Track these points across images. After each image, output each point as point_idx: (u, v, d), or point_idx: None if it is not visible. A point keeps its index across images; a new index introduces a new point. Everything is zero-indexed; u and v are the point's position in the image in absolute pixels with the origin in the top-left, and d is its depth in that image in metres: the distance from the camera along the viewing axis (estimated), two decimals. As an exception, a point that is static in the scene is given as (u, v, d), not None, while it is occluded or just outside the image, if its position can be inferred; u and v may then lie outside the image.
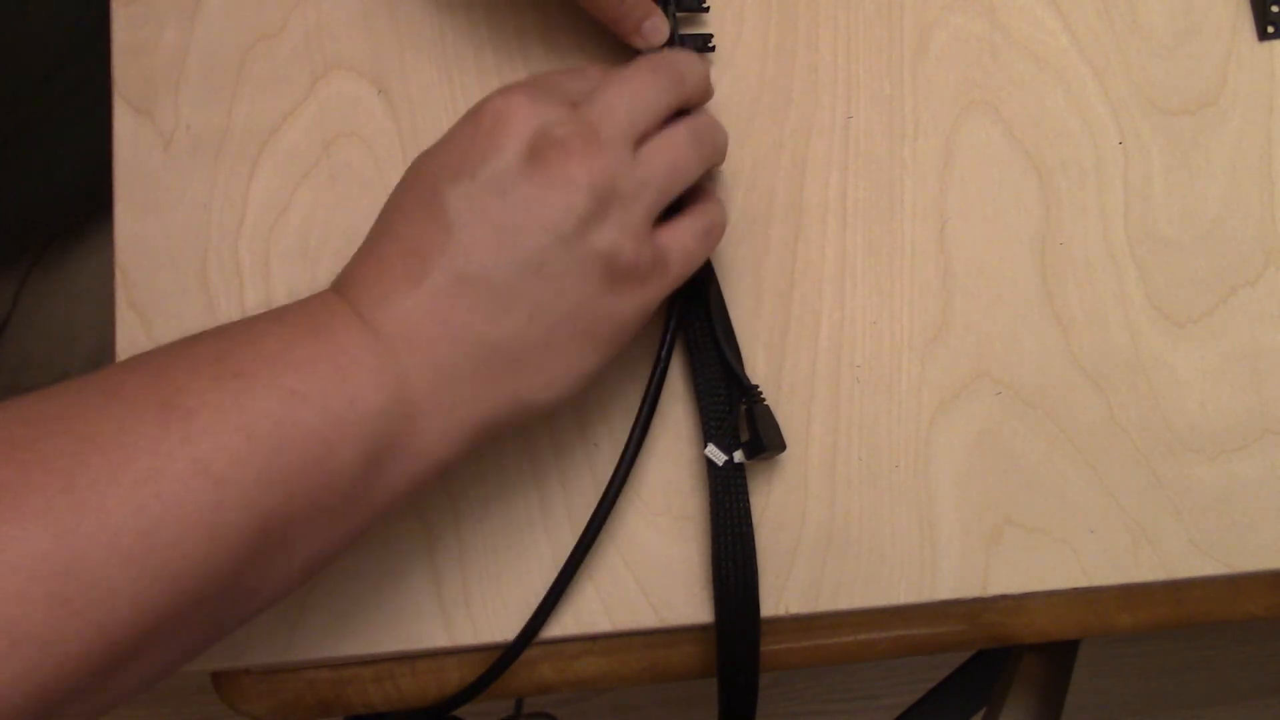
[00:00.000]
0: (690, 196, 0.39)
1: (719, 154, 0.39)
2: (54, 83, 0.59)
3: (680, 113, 0.38)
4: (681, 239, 0.38)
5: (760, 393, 0.42)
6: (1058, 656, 0.50)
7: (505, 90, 0.35)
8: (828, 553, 0.42)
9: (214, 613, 0.30)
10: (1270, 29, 0.47)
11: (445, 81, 0.45)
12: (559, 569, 0.41)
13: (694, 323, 0.42)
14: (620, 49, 0.43)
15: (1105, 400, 0.44)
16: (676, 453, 0.43)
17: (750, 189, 0.45)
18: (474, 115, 0.35)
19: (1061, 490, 0.43)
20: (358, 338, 0.32)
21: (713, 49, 0.45)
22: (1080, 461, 0.43)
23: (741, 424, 0.42)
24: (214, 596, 0.29)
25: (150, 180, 0.44)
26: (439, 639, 0.41)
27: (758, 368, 0.43)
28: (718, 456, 0.41)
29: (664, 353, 0.42)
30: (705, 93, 0.39)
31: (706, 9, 0.45)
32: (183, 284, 0.43)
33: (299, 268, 0.43)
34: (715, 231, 0.39)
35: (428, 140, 0.36)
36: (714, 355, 0.42)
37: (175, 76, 0.44)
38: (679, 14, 0.44)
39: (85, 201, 0.64)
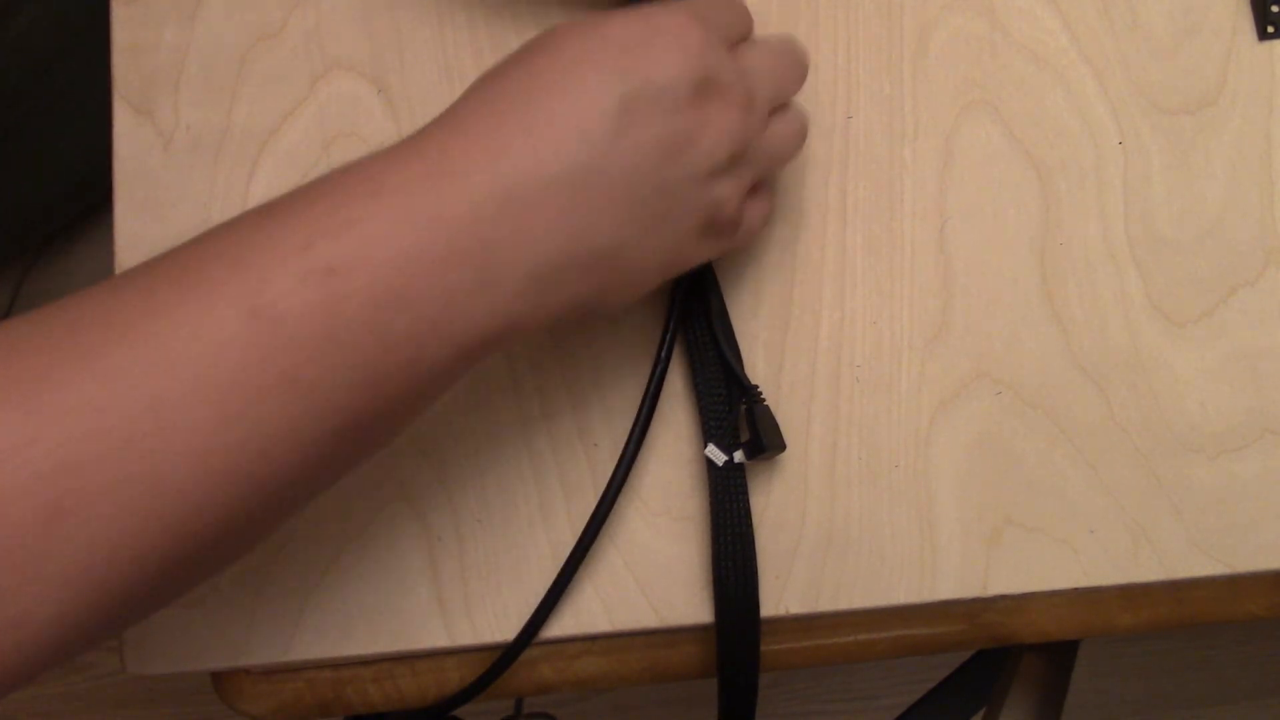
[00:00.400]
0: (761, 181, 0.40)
1: (798, 149, 0.41)
2: (49, 78, 0.59)
3: None
4: (753, 213, 0.39)
5: (760, 393, 0.42)
6: (1058, 656, 0.50)
7: (670, 8, 0.34)
8: (828, 553, 0.42)
9: (292, 505, 0.30)
10: (1270, 29, 0.47)
11: (445, 81, 0.45)
12: (559, 569, 0.41)
13: (694, 323, 0.42)
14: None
15: (1105, 400, 0.44)
16: (676, 453, 0.43)
17: (750, 189, 0.45)
18: (641, 19, 0.34)
19: (1061, 490, 0.43)
20: (466, 225, 0.30)
21: None
22: (1080, 461, 0.43)
23: (741, 424, 0.42)
24: (294, 492, 0.30)
25: (150, 180, 0.44)
26: (439, 639, 0.41)
27: (758, 368, 0.43)
28: (718, 457, 0.41)
29: (664, 353, 0.42)
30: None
31: (706, 9, 0.45)
32: (183, 284, 0.43)
33: (299, 268, 0.43)
34: (767, 218, 0.41)
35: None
36: (714, 355, 0.42)
37: (175, 76, 0.44)
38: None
39: (83, 199, 0.64)
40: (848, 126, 0.45)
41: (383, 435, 0.32)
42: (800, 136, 0.40)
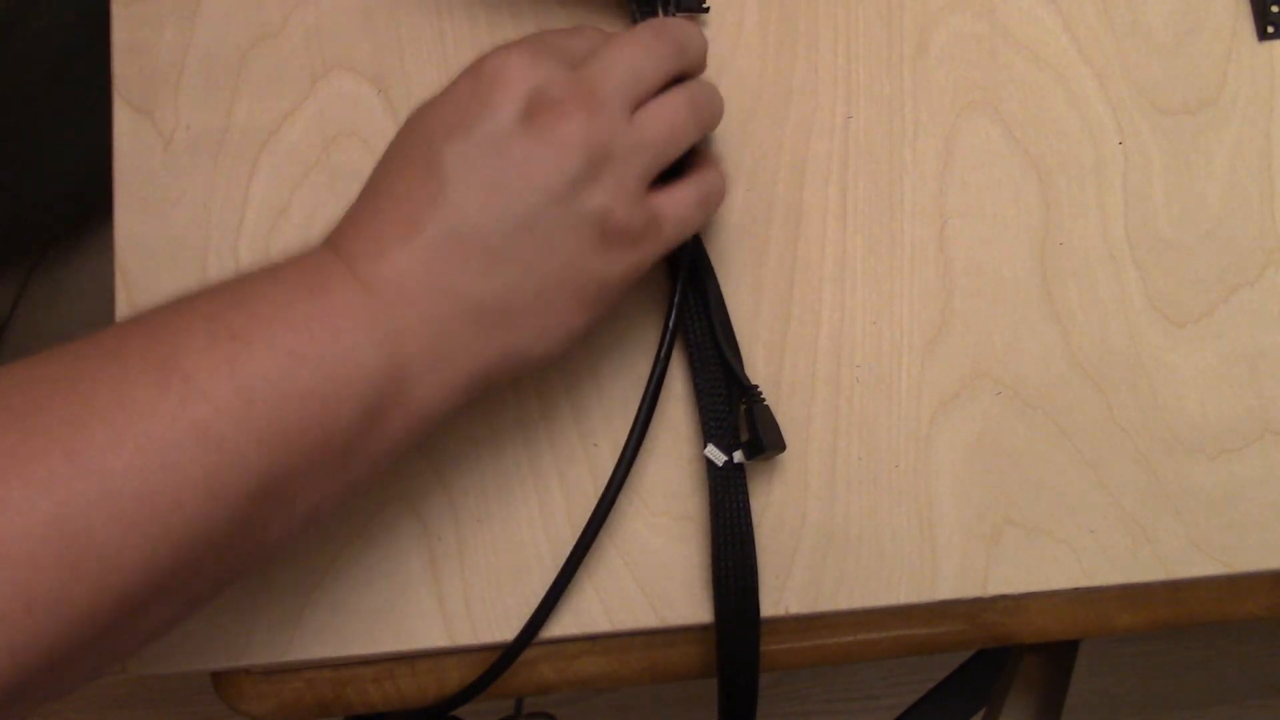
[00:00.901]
0: (690, 162, 0.39)
1: (715, 120, 0.39)
2: (59, 84, 0.59)
3: (677, 80, 0.38)
4: (677, 204, 0.38)
5: (760, 392, 0.42)
6: (1058, 656, 0.50)
7: (504, 48, 0.35)
8: (828, 553, 0.42)
9: (217, 567, 0.31)
10: (1270, 29, 0.47)
11: (445, 81, 0.45)
12: (559, 569, 0.41)
13: (694, 322, 0.42)
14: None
15: (1105, 400, 0.44)
16: (676, 453, 0.43)
17: (750, 189, 0.45)
18: (472, 72, 0.35)
19: (1061, 490, 0.43)
20: (353, 296, 0.32)
21: (706, 9, 0.45)
22: (1080, 461, 0.43)
23: (741, 424, 0.42)
24: (216, 552, 0.30)
25: (150, 180, 0.44)
26: (439, 639, 0.41)
27: (758, 368, 0.43)
28: (717, 456, 0.41)
29: (663, 352, 0.42)
30: (702, 61, 0.39)
31: (707, 9, 0.45)
32: (183, 284, 0.43)
33: (299, 268, 0.43)
34: (714, 198, 0.39)
35: (428, 140, 0.36)
36: (714, 355, 0.42)
37: (175, 76, 0.44)
38: (679, 15, 0.44)
39: (86, 202, 0.64)
40: (848, 126, 0.45)
41: (302, 499, 0.32)
42: (691, 113, 0.37)
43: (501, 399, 0.43)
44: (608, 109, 0.35)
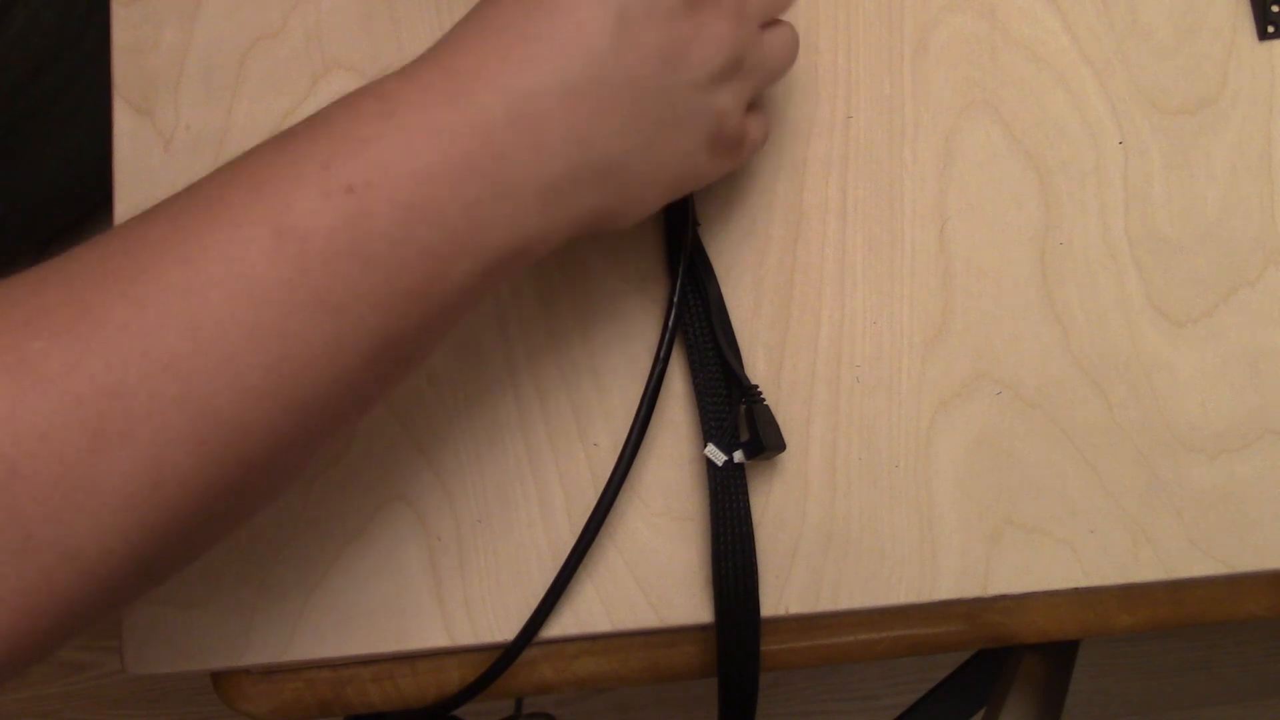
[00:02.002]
0: (755, 103, 0.41)
1: (794, 62, 0.41)
2: (41, 81, 0.59)
3: None
4: (754, 129, 0.39)
5: (760, 392, 0.42)
6: (1058, 656, 0.50)
7: None
8: (828, 553, 0.42)
9: (333, 425, 0.31)
10: (1270, 29, 0.47)
11: (445, 81, 0.45)
12: (559, 569, 0.41)
13: (693, 322, 0.42)
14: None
15: (1105, 400, 0.44)
16: (676, 453, 0.43)
17: (750, 189, 0.45)
18: None
19: (1061, 490, 0.43)
20: (478, 136, 0.30)
21: None
22: (1080, 461, 0.43)
23: (741, 424, 0.42)
24: (336, 413, 0.30)
25: (150, 180, 0.44)
26: (439, 639, 0.41)
27: (758, 368, 0.43)
28: (717, 456, 0.41)
29: (663, 352, 0.42)
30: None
31: None
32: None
33: (299, 268, 0.43)
34: (766, 138, 0.41)
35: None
36: (713, 355, 0.42)
37: (175, 76, 0.44)
38: None
39: (81, 200, 0.64)
40: (848, 126, 0.45)
41: (415, 356, 0.32)
42: (792, 50, 0.40)
43: (502, 398, 0.43)
44: (749, 23, 0.36)
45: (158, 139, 0.44)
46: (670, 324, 0.42)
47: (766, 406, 0.42)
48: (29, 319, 0.26)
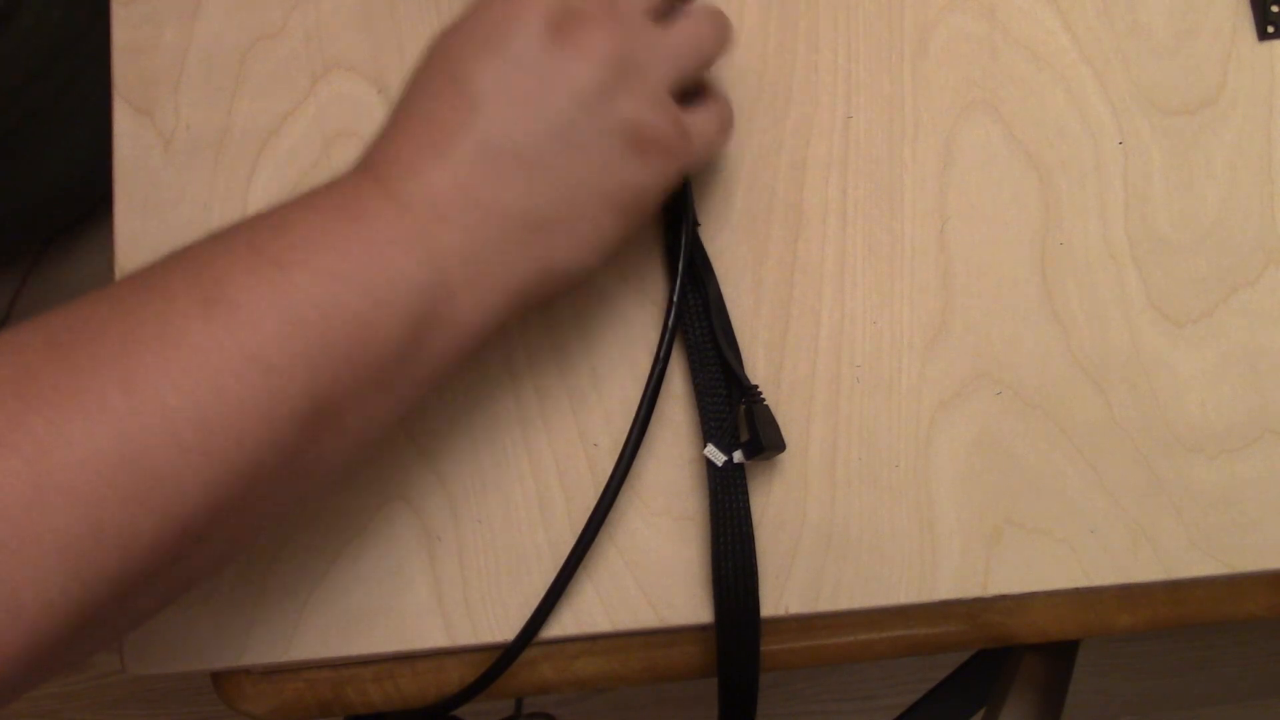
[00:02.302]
0: (703, 93, 0.40)
1: (728, 43, 0.40)
2: (43, 82, 0.59)
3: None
4: (702, 122, 0.39)
5: (759, 392, 0.42)
6: (1058, 656, 0.50)
7: None
8: (828, 553, 0.42)
9: (275, 492, 0.31)
10: (1270, 29, 0.47)
11: (445, 81, 0.45)
12: (559, 569, 0.41)
13: (693, 322, 0.42)
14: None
15: (1105, 400, 0.44)
16: (677, 453, 0.43)
17: (750, 189, 0.45)
18: None
19: (1061, 490, 0.43)
20: (390, 217, 0.33)
21: None
22: (1080, 461, 0.43)
23: (741, 424, 0.42)
24: (274, 477, 0.30)
25: (150, 180, 0.44)
26: (439, 639, 0.41)
27: (758, 368, 0.43)
28: (717, 457, 0.41)
29: (662, 352, 0.42)
30: None
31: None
32: (183, 284, 0.43)
33: (299, 268, 0.43)
34: (729, 125, 0.41)
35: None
36: (713, 355, 0.42)
37: (175, 76, 0.44)
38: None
39: (81, 201, 0.64)
40: (848, 126, 0.45)
41: (353, 427, 0.32)
42: (711, 29, 0.39)
43: (502, 399, 0.43)
44: (630, 19, 0.36)
45: (158, 139, 0.44)
46: (670, 324, 0.42)
47: (766, 406, 0.42)
48: None
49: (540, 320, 0.43)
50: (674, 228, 0.43)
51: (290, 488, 0.32)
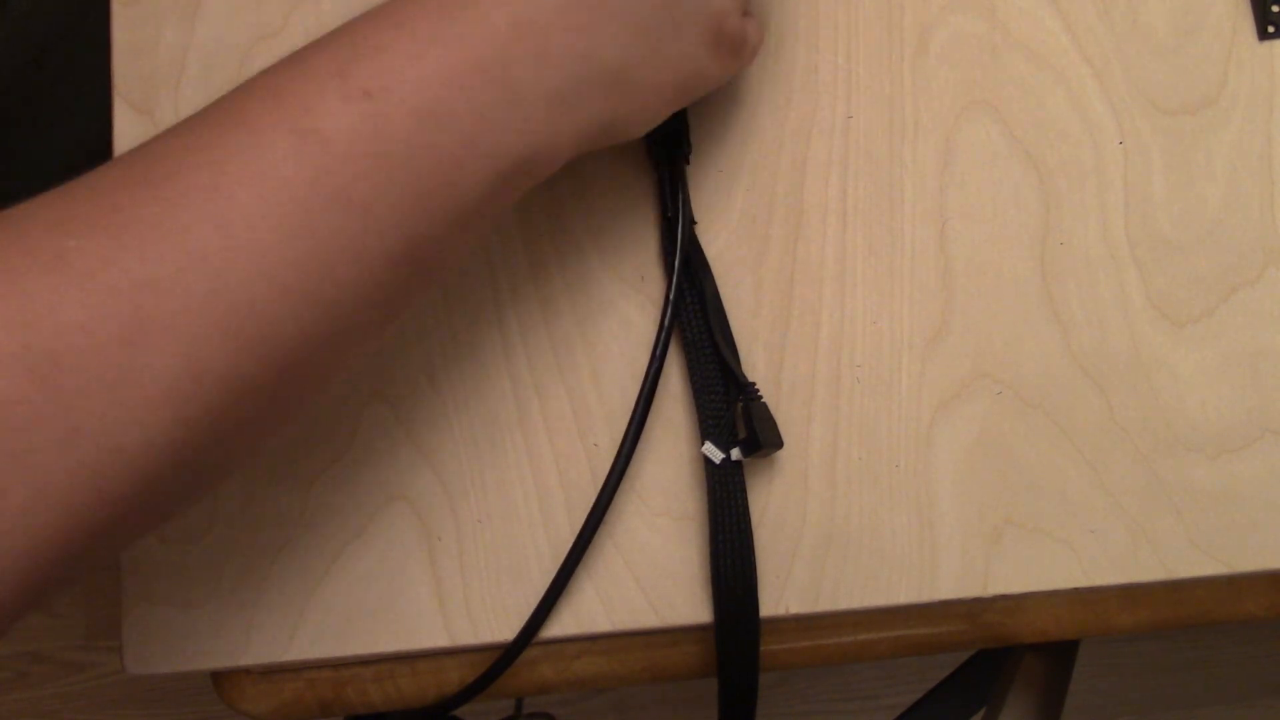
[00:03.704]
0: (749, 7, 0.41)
1: None
2: (39, 72, 0.59)
3: None
4: (753, 30, 0.40)
5: (756, 390, 0.42)
6: (1058, 656, 0.50)
7: None
8: (828, 553, 0.42)
9: (365, 331, 0.31)
10: (1270, 29, 0.47)
11: (445, 81, 0.45)
12: (558, 569, 0.41)
13: (690, 320, 0.43)
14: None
15: (1105, 400, 0.44)
16: (676, 452, 0.43)
17: (750, 189, 0.45)
18: None
19: (1061, 490, 0.43)
20: (486, 45, 0.32)
21: None
22: (1080, 461, 0.43)
23: (739, 422, 0.42)
24: (364, 317, 0.30)
25: (150, 180, 0.44)
26: (439, 639, 0.41)
27: (757, 367, 0.43)
28: (715, 454, 0.41)
29: (659, 350, 0.42)
30: None
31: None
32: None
33: (299, 268, 0.43)
34: (762, 41, 0.42)
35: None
36: (710, 353, 0.42)
37: (175, 76, 0.44)
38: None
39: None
40: (848, 126, 0.45)
41: (436, 263, 0.32)
42: None
43: (501, 398, 0.43)
44: None
45: (158, 139, 0.44)
46: (666, 322, 0.42)
47: (764, 404, 0.42)
48: (61, 220, 0.27)
49: (540, 320, 0.43)
50: (664, 164, 0.43)
51: (377, 327, 0.32)
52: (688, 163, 0.44)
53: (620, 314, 0.43)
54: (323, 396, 0.32)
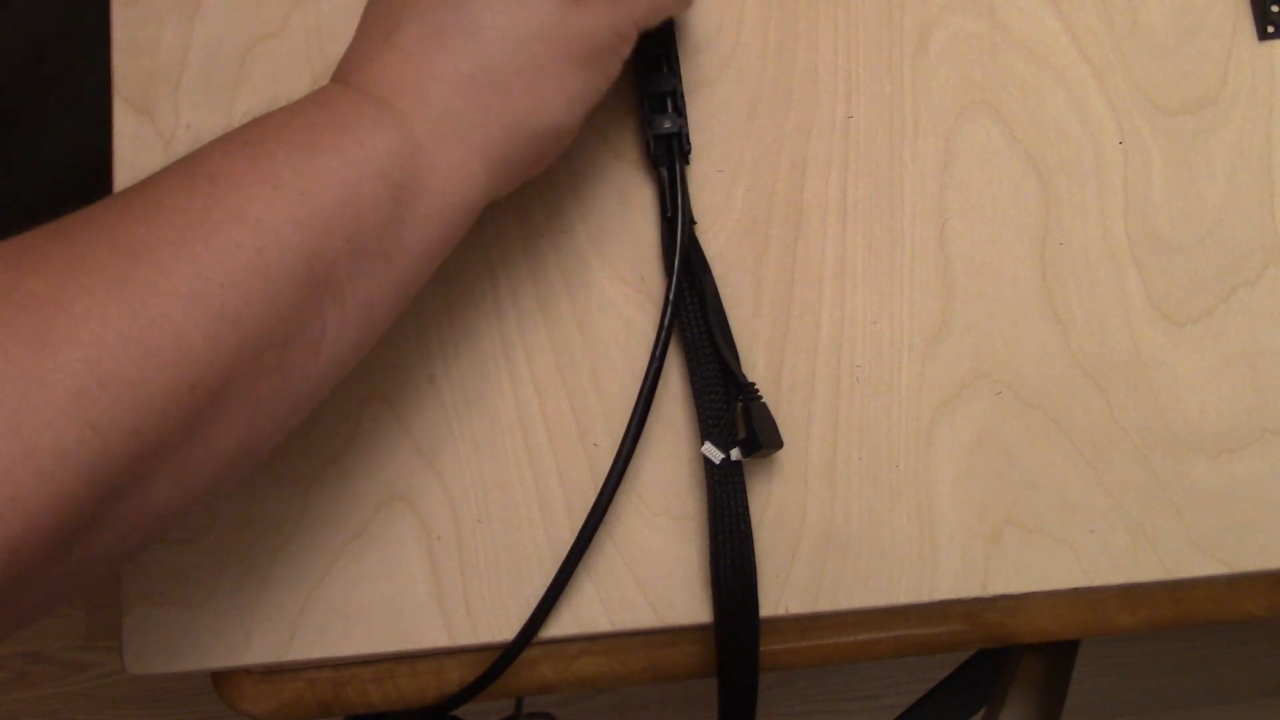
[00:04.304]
0: None
1: None
2: (39, 68, 0.58)
3: None
4: None
5: (756, 390, 0.42)
6: (1058, 656, 0.50)
7: None
8: (828, 552, 0.42)
9: (284, 363, 0.31)
10: (1270, 29, 0.47)
11: (445, 81, 0.45)
12: (558, 568, 0.41)
13: (690, 320, 0.43)
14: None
15: (1105, 400, 0.44)
16: (676, 452, 0.43)
17: (750, 189, 0.45)
18: None
19: (1061, 490, 0.43)
20: (353, 97, 0.34)
21: None
22: (1080, 461, 0.43)
23: (738, 422, 0.42)
24: (278, 343, 0.31)
25: (150, 180, 0.44)
26: (439, 639, 0.41)
27: (757, 367, 0.43)
28: (714, 454, 0.41)
29: (659, 350, 0.42)
30: None
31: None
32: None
33: (299, 268, 0.43)
34: None
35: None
36: (710, 353, 0.42)
37: (175, 76, 0.44)
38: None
39: (80, 201, 0.64)
40: (848, 126, 0.45)
41: (350, 289, 0.32)
42: None
43: (501, 399, 0.43)
44: None
45: (158, 139, 0.44)
46: (666, 322, 0.42)
47: (763, 404, 0.42)
48: None
49: (540, 320, 0.43)
50: (664, 164, 0.43)
51: (297, 361, 0.32)
52: (688, 163, 0.44)
53: (620, 314, 0.43)
54: (252, 459, 0.32)
